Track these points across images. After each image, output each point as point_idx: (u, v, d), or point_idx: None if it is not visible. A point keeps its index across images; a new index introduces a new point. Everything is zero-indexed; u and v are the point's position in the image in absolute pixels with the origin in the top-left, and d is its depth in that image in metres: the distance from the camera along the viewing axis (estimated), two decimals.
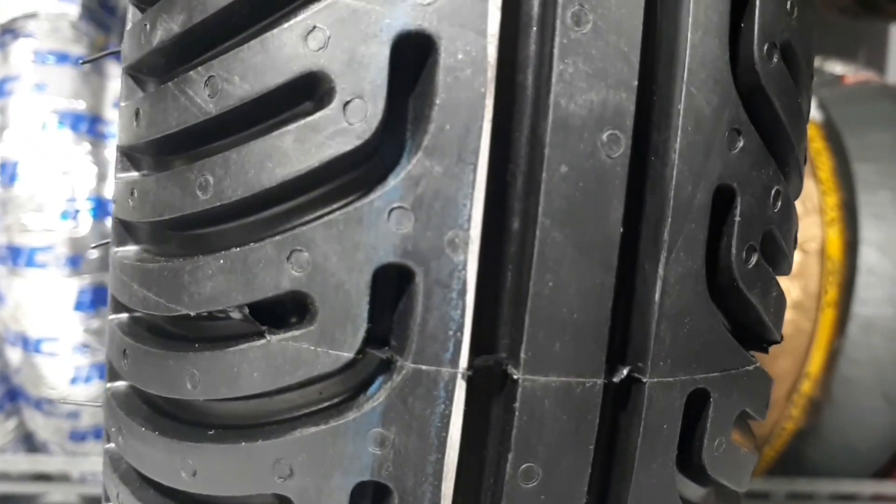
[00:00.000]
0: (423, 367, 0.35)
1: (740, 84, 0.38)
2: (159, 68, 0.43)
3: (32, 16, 1.39)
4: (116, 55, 0.48)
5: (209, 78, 0.37)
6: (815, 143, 1.23)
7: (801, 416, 1.21)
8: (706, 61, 0.36)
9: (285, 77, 0.35)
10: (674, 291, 0.37)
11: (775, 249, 0.42)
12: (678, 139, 0.36)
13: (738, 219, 0.38)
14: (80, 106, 1.40)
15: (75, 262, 1.37)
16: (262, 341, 0.36)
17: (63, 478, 1.31)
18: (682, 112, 0.36)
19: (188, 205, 0.38)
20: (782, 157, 0.41)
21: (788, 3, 0.40)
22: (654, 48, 0.37)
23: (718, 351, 0.39)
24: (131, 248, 0.45)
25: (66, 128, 1.38)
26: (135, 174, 0.45)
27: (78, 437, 1.42)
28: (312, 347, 0.35)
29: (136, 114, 0.41)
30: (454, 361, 0.35)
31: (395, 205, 0.34)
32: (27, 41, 1.37)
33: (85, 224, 1.38)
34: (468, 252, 0.34)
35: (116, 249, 0.45)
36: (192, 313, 0.38)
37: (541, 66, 0.35)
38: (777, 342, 0.44)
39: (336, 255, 0.35)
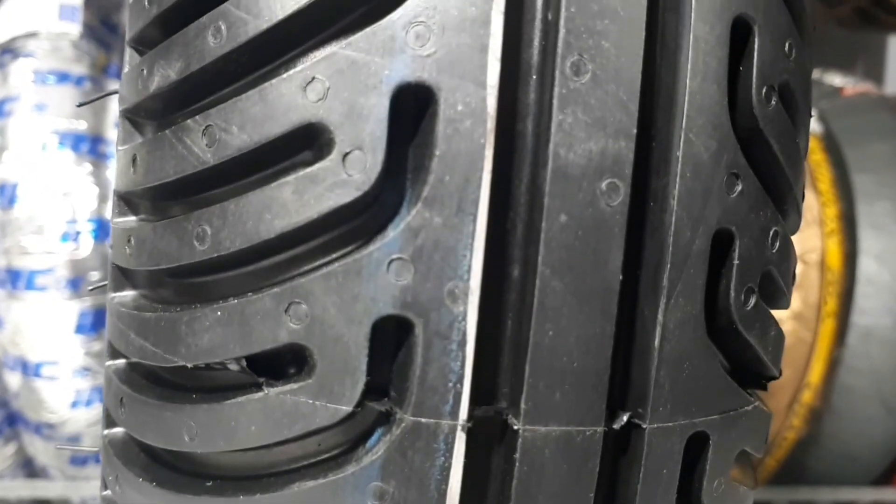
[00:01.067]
0: (423, 420, 0.34)
1: (739, 127, 0.38)
2: (157, 113, 0.42)
3: (33, 35, 1.39)
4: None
5: (207, 127, 0.37)
6: (815, 154, 1.23)
7: (802, 426, 1.21)
8: (704, 107, 0.36)
9: (284, 128, 0.35)
10: (673, 337, 0.36)
11: (774, 288, 0.42)
12: (677, 185, 0.36)
13: (736, 262, 0.38)
14: (81, 126, 1.40)
15: (76, 285, 1.37)
16: (260, 394, 0.36)
17: (63, 503, 1.30)
18: (680, 159, 0.36)
19: (185, 255, 0.38)
20: (780, 197, 0.41)
21: (786, 44, 0.39)
22: (653, 95, 0.36)
23: (717, 393, 0.39)
24: (128, 294, 0.44)
25: (66, 148, 1.38)
26: (132, 219, 0.44)
27: (78, 461, 1.41)
28: (311, 401, 0.35)
29: (134, 160, 0.41)
30: (454, 413, 0.34)
31: (395, 256, 0.34)
32: (27, 61, 1.37)
33: (86, 246, 1.38)
34: (468, 303, 0.34)
35: (114, 295, 0.45)
36: (190, 365, 0.38)
37: (540, 116, 0.35)
38: (776, 378, 0.44)
39: (335, 307, 0.34)
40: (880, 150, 1.25)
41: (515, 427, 0.35)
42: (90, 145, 1.41)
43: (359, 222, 0.35)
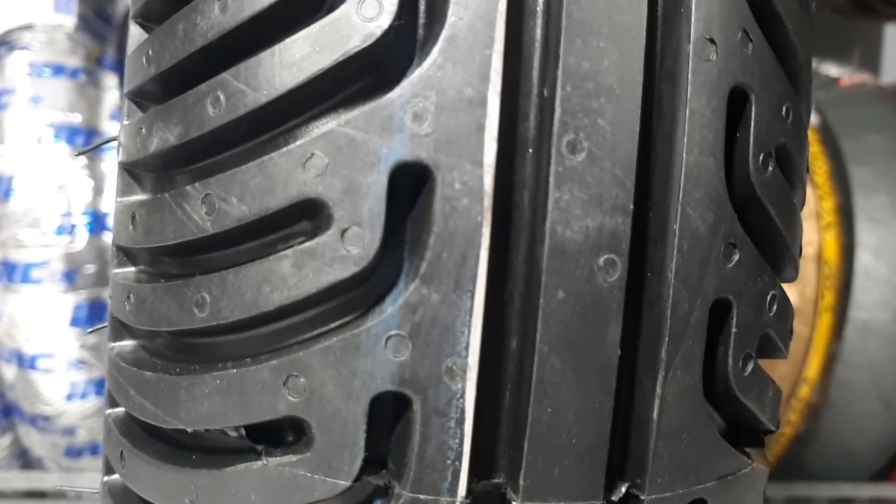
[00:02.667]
0: (421, 497, 0.35)
1: (735, 195, 0.38)
2: (156, 168, 0.42)
3: (28, 27, 1.38)
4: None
5: (206, 195, 0.37)
6: (812, 146, 1.23)
7: (800, 421, 1.21)
8: (701, 180, 0.36)
9: (283, 202, 0.35)
10: (671, 409, 0.37)
11: (771, 347, 0.42)
12: (674, 258, 0.36)
13: (734, 330, 0.38)
14: (76, 119, 1.40)
15: (71, 278, 1.37)
16: (260, 464, 0.36)
17: (58, 495, 1.31)
18: (677, 232, 0.36)
19: (185, 321, 0.38)
20: (778, 259, 0.41)
21: (784, 108, 0.40)
22: (649, 167, 0.37)
23: (715, 459, 0.39)
24: (128, 344, 0.45)
25: (61, 141, 1.38)
26: (131, 271, 0.45)
27: (73, 453, 1.42)
28: (309, 474, 0.35)
29: (133, 218, 0.41)
30: (452, 490, 0.35)
31: (393, 332, 0.34)
32: (23, 53, 1.37)
33: (81, 239, 1.38)
34: (466, 380, 0.34)
35: (113, 345, 0.45)
36: (190, 430, 0.38)
37: (536, 191, 0.35)
38: (773, 432, 0.44)
39: (333, 381, 0.35)
40: (877, 141, 1.24)
41: (514, 503, 0.35)
42: (85, 138, 1.41)
43: (357, 294, 0.35)
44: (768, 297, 0.40)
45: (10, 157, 1.35)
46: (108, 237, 1.40)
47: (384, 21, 0.34)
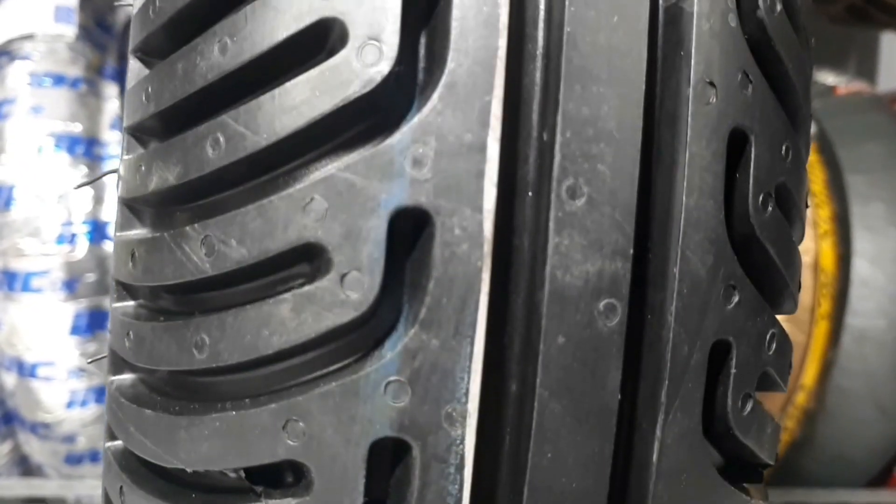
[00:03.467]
0: None
1: (735, 235, 0.38)
2: (155, 205, 0.43)
3: (29, 37, 1.38)
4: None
5: (206, 237, 0.37)
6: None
7: (796, 427, 1.22)
8: (701, 223, 0.36)
9: (283, 246, 0.35)
10: (671, 451, 0.37)
11: (770, 384, 0.42)
12: (674, 301, 0.36)
13: (734, 371, 0.38)
14: (77, 128, 1.40)
15: (71, 287, 1.37)
16: None
17: (59, 501, 1.31)
18: (677, 275, 0.36)
19: (185, 361, 0.38)
20: (777, 296, 0.41)
21: (783, 147, 0.40)
22: (649, 212, 0.37)
23: (715, 499, 0.39)
24: (127, 378, 0.45)
25: (62, 151, 1.38)
26: (130, 305, 0.45)
27: (74, 460, 1.42)
28: None
29: (132, 255, 0.41)
30: None
31: (392, 378, 0.34)
32: (23, 63, 1.37)
33: (81, 248, 1.38)
34: (466, 426, 0.34)
35: (112, 379, 0.45)
36: (189, 470, 0.38)
37: (536, 236, 0.35)
38: (770, 466, 0.44)
39: (332, 427, 0.35)
40: (873, 150, 1.25)
41: None
42: (85, 147, 1.41)
43: (356, 337, 0.35)
44: (767, 336, 0.40)
45: (10, 166, 1.35)
46: (108, 246, 1.40)
47: (384, 67, 0.34)
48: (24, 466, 1.49)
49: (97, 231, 1.41)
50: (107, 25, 1.50)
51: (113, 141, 1.46)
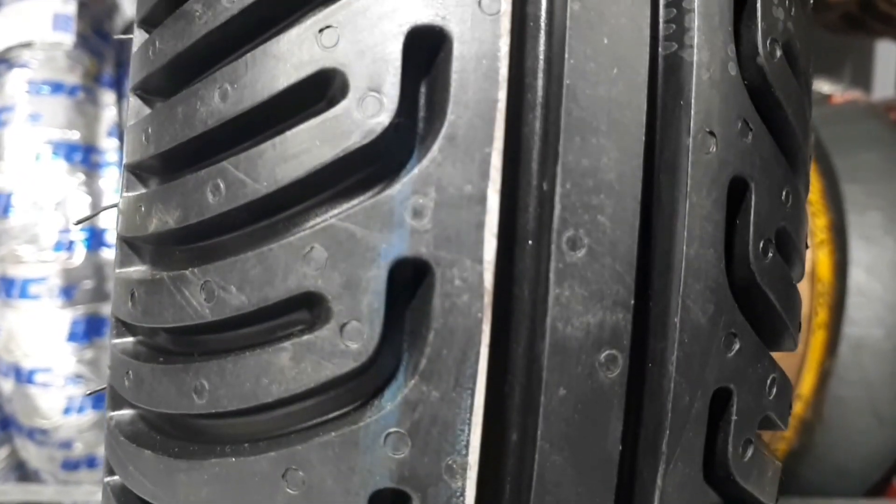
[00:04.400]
0: None
1: (735, 282, 0.38)
2: (155, 244, 0.42)
3: (27, 45, 1.38)
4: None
5: (205, 282, 0.37)
6: None
7: (794, 437, 1.22)
8: (701, 272, 0.36)
9: (282, 294, 0.35)
10: (672, 500, 0.37)
11: (771, 425, 0.42)
12: (675, 351, 0.36)
13: (734, 417, 0.39)
14: (75, 136, 1.40)
15: (69, 293, 1.37)
16: None
17: None
18: (678, 325, 0.36)
19: (184, 406, 0.38)
20: (778, 338, 0.42)
21: (783, 193, 0.40)
22: (650, 261, 0.37)
23: None
24: (126, 414, 0.45)
25: (60, 158, 1.38)
26: (129, 342, 0.44)
27: (70, 465, 1.42)
28: None
29: (132, 295, 0.41)
30: None
31: (392, 430, 0.34)
32: (22, 71, 1.37)
33: (79, 254, 1.38)
34: (466, 478, 0.34)
35: (112, 415, 0.45)
36: None
37: (537, 286, 0.35)
38: None
39: (332, 477, 0.35)
40: (870, 159, 1.25)
41: None
42: (83, 155, 1.41)
43: (355, 384, 0.35)
44: (768, 381, 0.40)
45: (9, 173, 1.35)
46: (105, 253, 1.40)
47: (384, 118, 0.34)
48: (21, 472, 1.49)
49: (94, 238, 1.41)
50: (104, 33, 1.50)
51: (110, 148, 1.46)
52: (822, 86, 1.68)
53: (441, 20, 0.34)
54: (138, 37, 0.45)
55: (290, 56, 0.35)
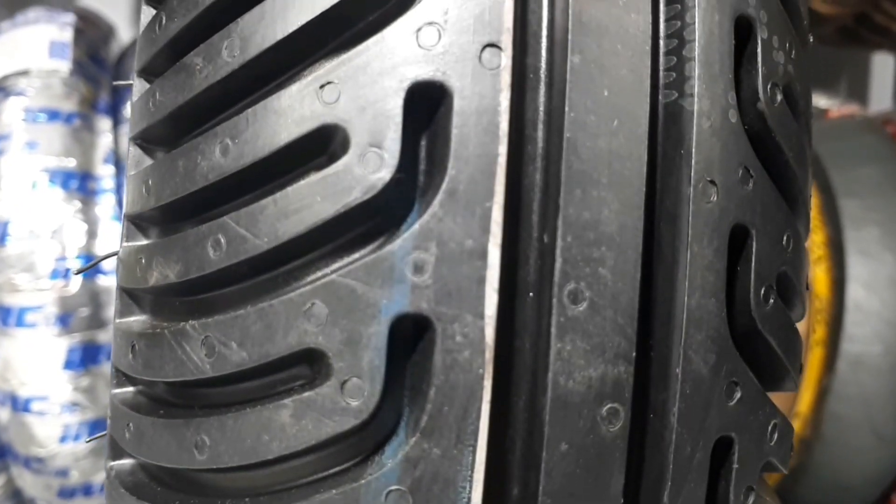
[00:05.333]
0: None
1: (737, 328, 0.38)
2: (154, 295, 0.42)
3: (24, 73, 1.38)
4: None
5: (206, 337, 0.37)
6: None
7: (792, 455, 1.21)
8: (703, 322, 0.36)
9: (283, 351, 0.35)
10: None
11: (772, 469, 0.42)
12: (676, 402, 0.36)
13: (735, 466, 0.38)
14: (71, 164, 1.39)
15: (65, 321, 1.37)
16: None
17: None
18: (680, 376, 0.36)
19: (185, 460, 0.38)
20: (779, 381, 0.41)
21: (784, 238, 0.40)
22: (651, 312, 0.37)
23: None
24: (126, 463, 0.44)
25: (56, 186, 1.38)
26: (129, 391, 0.44)
27: (67, 494, 1.41)
28: None
29: (133, 347, 0.41)
30: None
31: (393, 487, 0.34)
32: (18, 99, 1.37)
33: (75, 282, 1.38)
34: None
35: (112, 465, 0.45)
36: None
37: (538, 339, 0.35)
38: None
39: None
40: (867, 174, 1.24)
41: None
42: (79, 182, 1.41)
43: (356, 440, 0.35)
44: (769, 427, 0.40)
45: (5, 202, 1.35)
46: (102, 281, 1.39)
47: (385, 174, 0.34)
48: (17, 500, 1.48)
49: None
50: (100, 59, 1.50)
51: (107, 175, 1.46)
52: (818, 100, 1.68)
53: (441, 75, 0.34)
54: (138, 86, 0.45)
55: (291, 111, 0.35)
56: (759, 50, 0.38)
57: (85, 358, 1.37)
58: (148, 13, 0.46)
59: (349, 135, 0.34)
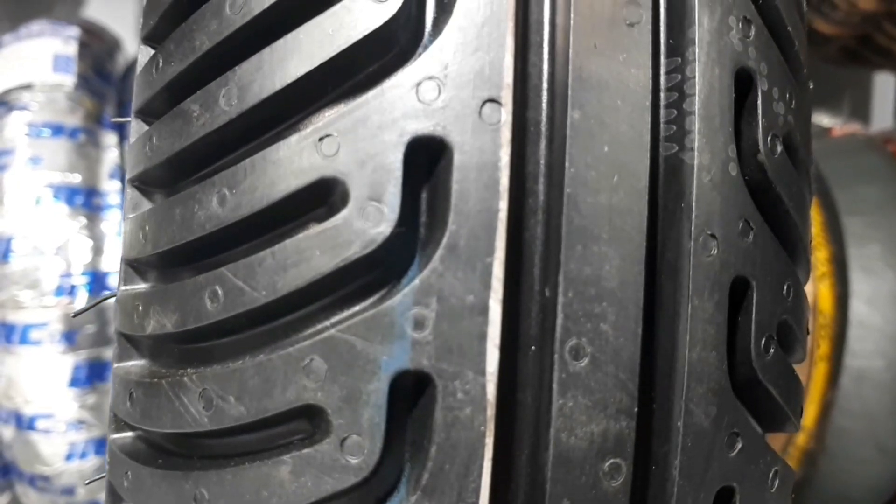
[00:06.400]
0: None
1: (738, 379, 0.38)
2: (151, 343, 0.42)
3: (27, 87, 1.38)
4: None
5: (203, 390, 0.37)
6: None
7: (797, 468, 1.21)
8: (704, 376, 0.36)
9: (281, 406, 0.35)
10: None
11: None
12: (678, 455, 0.36)
13: None
14: (76, 179, 1.39)
15: (70, 338, 1.37)
16: None
17: None
18: (681, 429, 0.36)
19: None
20: (780, 426, 0.41)
21: (784, 287, 0.39)
22: (653, 365, 0.36)
23: None
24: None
25: (61, 202, 1.38)
26: (129, 437, 0.44)
27: None
28: None
29: (130, 395, 0.41)
30: None
31: None
32: (22, 114, 1.37)
33: (80, 300, 1.38)
34: None
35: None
36: None
37: (539, 394, 0.35)
38: None
39: None
40: (869, 192, 1.25)
41: None
42: (84, 198, 1.41)
43: (357, 497, 0.35)
44: (770, 475, 0.40)
45: (9, 218, 1.35)
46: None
47: (385, 228, 0.34)
48: None
49: (96, 282, 1.41)
50: (105, 73, 1.50)
51: (112, 191, 1.46)
52: (821, 119, 1.68)
53: (441, 130, 0.34)
54: (135, 126, 0.45)
55: (289, 163, 0.35)
56: (759, 102, 0.38)
57: (91, 375, 1.37)
58: (145, 52, 0.46)
59: (349, 188, 0.34)
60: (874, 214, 1.21)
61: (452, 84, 0.34)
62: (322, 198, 0.35)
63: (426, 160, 0.35)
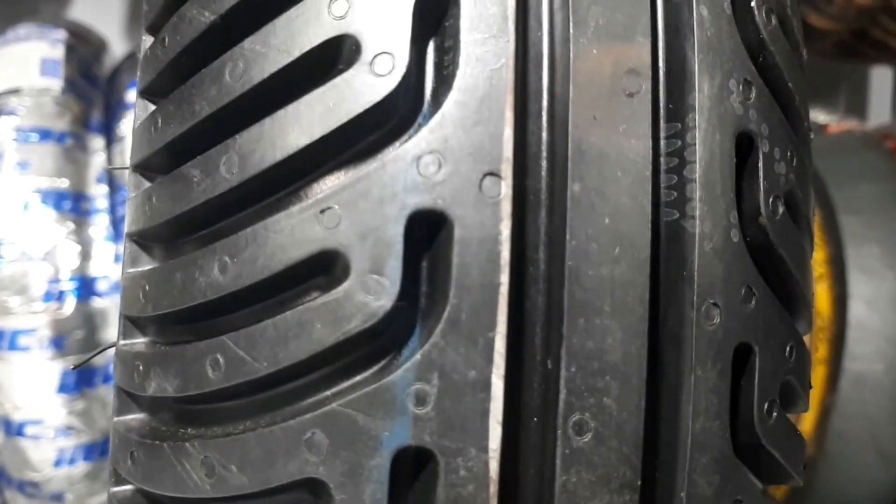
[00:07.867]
0: None
1: (740, 443, 0.38)
2: (151, 402, 0.42)
3: (15, 92, 1.37)
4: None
5: (205, 458, 0.36)
6: None
7: None
8: (707, 446, 0.36)
9: (283, 479, 0.35)
10: None
11: None
12: None
13: None
14: (64, 184, 1.39)
15: (59, 344, 1.36)
16: None
17: None
18: (684, 500, 0.36)
19: None
20: (781, 484, 0.41)
21: (787, 349, 0.39)
22: (656, 435, 0.36)
23: None
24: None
25: (49, 207, 1.37)
26: (129, 490, 0.44)
27: None
28: None
29: (132, 454, 0.41)
30: None
31: None
32: (9, 119, 1.36)
33: (69, 305, 1.37)
34: None
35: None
36: None
37: (543, 471, 0.35)
38: None
39: None
40: (867, 190, 1.24)
41: None
42: (72, 203, 1.40)
43: None
44: None
45: None
46: (96, 303, 1.39)
47: (386, 302, 0.34)
48: None
49: (85, 288, 1.40)
50: (92, 76, 1.48)
51: (100, 195, 1.45)
52: (817, 115, 1.68)
53: (442, 204, 0.34)
54: (133, 180, 0.45)
55: (291, 234, 0.35)
56: (760, 164, 0.38)
57: (79, 381, 1.37)
58: (143, 106, 0.45)
59: (350, 261, 0.34)
60: (872, 214, 1.20)
61: (452, 158, 0.34)
62: (323, 268, 0.35)
63: (427, 231, 0.35)
